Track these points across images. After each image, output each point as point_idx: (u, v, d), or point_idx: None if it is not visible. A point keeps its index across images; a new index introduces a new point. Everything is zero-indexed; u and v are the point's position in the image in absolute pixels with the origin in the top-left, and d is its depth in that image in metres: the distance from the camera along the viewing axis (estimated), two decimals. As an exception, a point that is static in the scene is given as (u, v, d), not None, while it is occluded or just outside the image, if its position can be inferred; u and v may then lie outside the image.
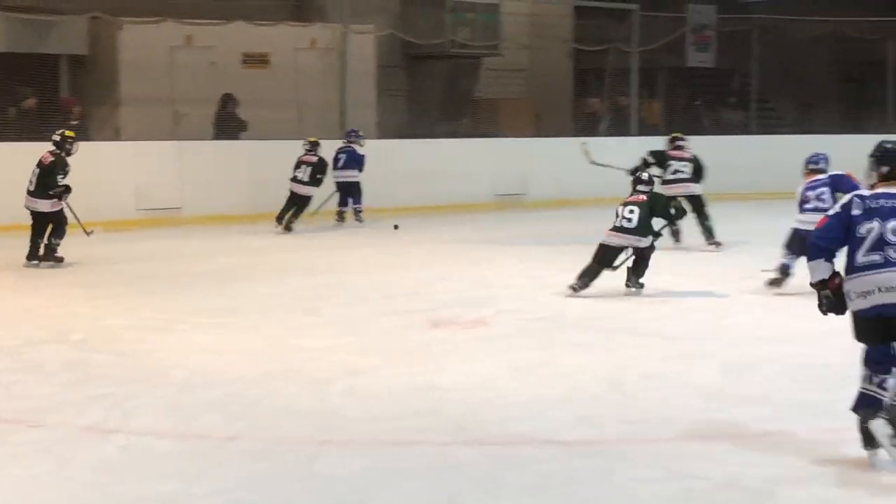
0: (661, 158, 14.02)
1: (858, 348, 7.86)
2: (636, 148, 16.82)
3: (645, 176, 11.08)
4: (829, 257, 5.66)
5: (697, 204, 13.59)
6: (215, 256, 12.62)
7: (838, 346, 8.03)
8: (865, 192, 5.72)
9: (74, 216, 12.04)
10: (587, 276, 10.20)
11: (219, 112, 17.35)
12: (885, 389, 5.55)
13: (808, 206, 10.24)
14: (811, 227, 10.06)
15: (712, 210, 15.20)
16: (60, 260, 11.76)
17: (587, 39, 21.09)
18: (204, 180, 16.01)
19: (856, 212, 5.60)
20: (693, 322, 9.07)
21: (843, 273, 5.66)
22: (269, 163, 16.23)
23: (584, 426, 6.21)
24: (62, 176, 11.67)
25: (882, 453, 5.46)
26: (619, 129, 20.48)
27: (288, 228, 14.79)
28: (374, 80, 18.86)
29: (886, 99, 22.74)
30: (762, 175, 19.81)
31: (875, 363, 5.61)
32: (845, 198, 5.77)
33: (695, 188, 13.76)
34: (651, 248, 10.41)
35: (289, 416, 6.40)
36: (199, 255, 12.55)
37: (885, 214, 5.54)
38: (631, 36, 20.33)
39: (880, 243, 5.50)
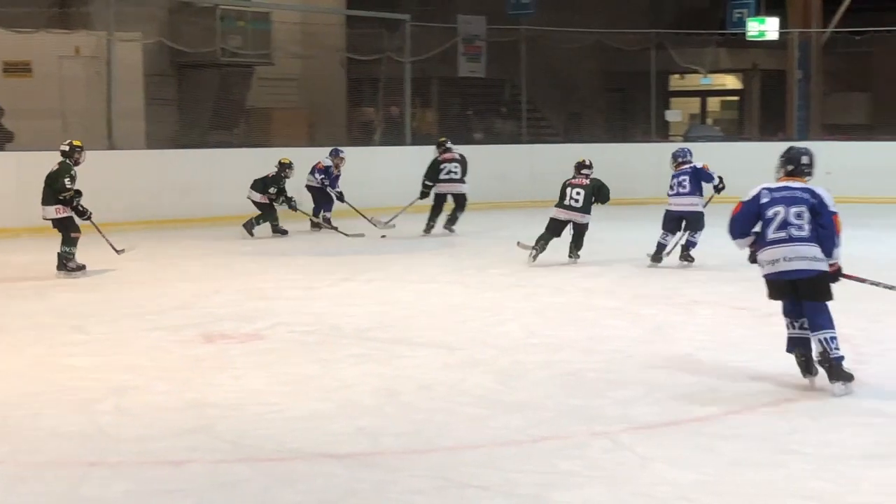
0: (435, 168, 15.67)
1: (624, 355, 8.18)
2: (411, 157, 17.00)
3: (587, 161, 12.97)
4: (746, 235, 7.17)
5: (462, 201, 15.74)
6: (-24, 273, 12.12)
7: (604, 352, 8.29)
8: (772, 185, 7.19)
9: (102, 235, 12.15)
10: (542, 241, 12.61)
11: (-20, 123, 16.69)
12: (805, 329, 7.03)
13: (671, 191, 12.63)
14: (677, 208, 12.28)
15: (487, 219, 15.49)
16: (81, 268, 11.82)
17: (360, 49, 21.16)
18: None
19: (764, 200, 7.11)
20: (467, 331, 9.13)
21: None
22: (35, 174, 15.65)
23: (361, 438, 6.17)
24: (69, 180, 11.68)
25: (816, 380, 7.05)
26: (394, 138, 20.60)
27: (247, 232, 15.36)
28: (142, 88, 18.46)
29: (650, 108, 23.50)
30: (533, 184, 20.26)
31: (791, 313, 7.12)
32: (755, 189, 7.21)
33: (463, 187, 15.76)
34: (587, 225, 12.70)
35: (54, 439, 6.16)
36: (-42, 272, 12.02)
37: (787, 202, 7.05)
38: (403, 46, 20.45)
39: (785, 224, 6.99)
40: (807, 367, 7.11)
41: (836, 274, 7.10)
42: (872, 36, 25.54)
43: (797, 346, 7.13)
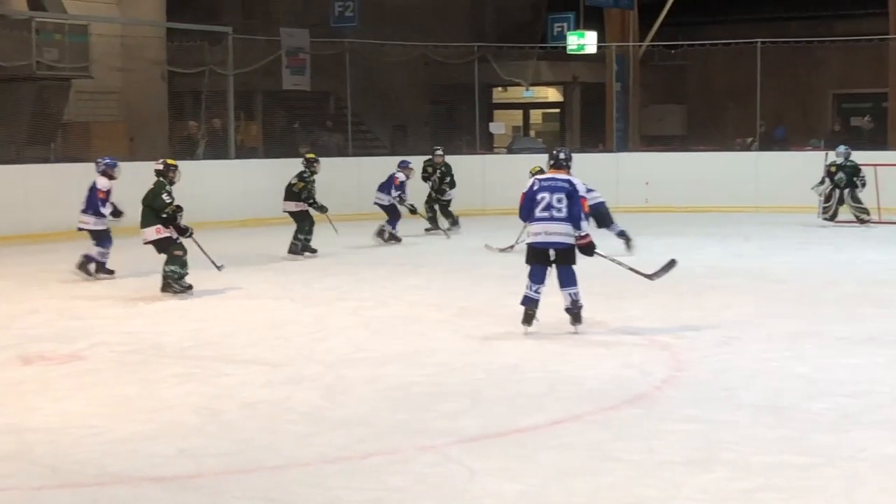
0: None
1: (451, 368, 8.22)
2: (235, 171, 16.83)
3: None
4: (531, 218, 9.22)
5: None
6: None
7: (431, 365, 8.30)
8: (541, 176, 9.48)
9: (202, 250, 11.85)
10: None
11: None
12: (538, 293, 9.13)
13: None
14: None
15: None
16: (189, 288, 11.45)
17: (181, 61, 20.86)
18: None
19: (535, 188, 9.24)
20: (292, 347, 9.05)
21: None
22: None
23: (183, 460, 6.05)
24: (167, 195, 11.37)
25: (531, 329, 9.17)
26: (217, 151, 20.35)
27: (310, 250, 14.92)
28: (-46, 103, 17.88)
29: (474, 120, 23.72)
30: (360, 197, 20.23)
31: (536, 276, 9.16)
32: (530, 181, 9.39)
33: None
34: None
35: None
36: None
37: (551, 189, 9.16)
38: (226, 58, 20.24)
39: (549, 206, 9.09)
40: (529, 320, 9.20)
41: (590, 248, 9.26)
42: (687, 49, 26.31)
43: (530, 303, 9.19)
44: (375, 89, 24.79)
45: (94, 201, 12.72)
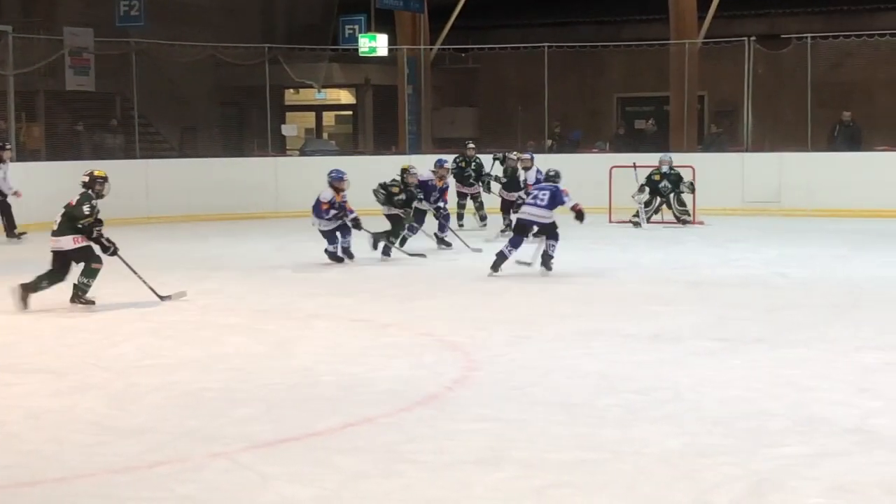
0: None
1: (244, 373, 8.10)
2: (16, 174, 16.22)
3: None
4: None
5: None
6: None
7: (224, 370, 8.18)
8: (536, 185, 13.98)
9: (139, 276, 11.26)
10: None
11: None
12: (510, 253, 12.55)
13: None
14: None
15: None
16: (92, 302, 10.90)
17: (-42, 61, 20.06)
18: None
19: (533, 187, 13.96)
20: (78, 354, 8.78)
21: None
22: None
23: (-39, 475, 5.80)
24: (88, 207, 10.83)
25: (499, 273, 12.48)
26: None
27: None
28: None
29: (266, 123, 23.52)
30: (148, 199, 19.90)
31: (514, 241, 12.70)
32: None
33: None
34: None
35: None
36: None
37: (539, 189, 13.04)
38: (6, 58, 19.58)
39: (535, 197, 12.91)
40: (495, 267, 12.48)
41: (581, 215, 12.86)
42: (477, 53, 26.66)
43: (501, 256, 12.48)
44: (164, 90, 24.36)
45: (318, 210, 13.57)
